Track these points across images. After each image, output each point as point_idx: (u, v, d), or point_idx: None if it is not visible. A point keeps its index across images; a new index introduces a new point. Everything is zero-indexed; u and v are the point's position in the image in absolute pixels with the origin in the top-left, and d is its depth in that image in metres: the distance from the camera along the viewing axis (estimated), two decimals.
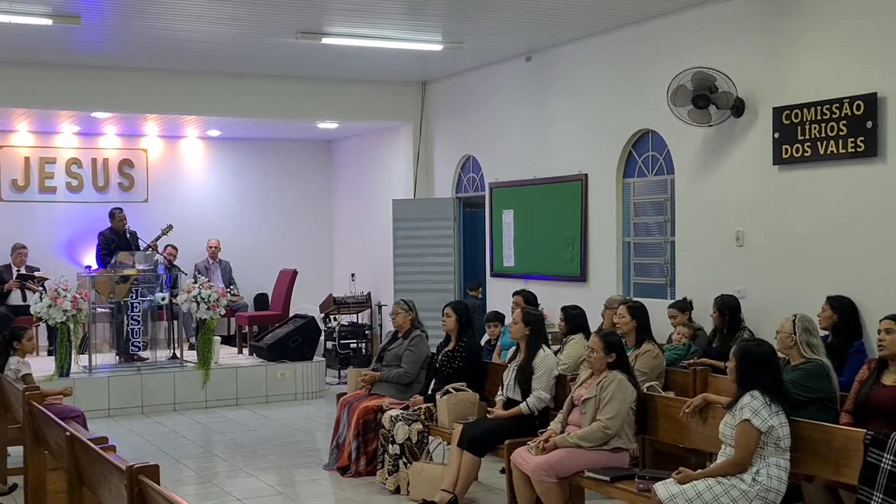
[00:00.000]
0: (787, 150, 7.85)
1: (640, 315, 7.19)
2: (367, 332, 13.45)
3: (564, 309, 8.11)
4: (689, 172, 8.88)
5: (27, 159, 13.57)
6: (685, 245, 8.98)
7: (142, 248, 11.38)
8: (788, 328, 5.90)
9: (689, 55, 8.64)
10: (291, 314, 12.70)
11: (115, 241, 11.51)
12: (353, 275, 14.15)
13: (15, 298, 12.41)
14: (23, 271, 12.64)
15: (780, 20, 8.01)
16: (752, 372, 5.01)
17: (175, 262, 12.43)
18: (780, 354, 5.64)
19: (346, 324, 13.42)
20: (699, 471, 5.10)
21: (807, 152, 7.69)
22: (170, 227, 11.54)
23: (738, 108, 8.21)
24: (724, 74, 8.13)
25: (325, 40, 9.89)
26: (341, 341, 13.08)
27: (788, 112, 7.81)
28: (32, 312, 10.30)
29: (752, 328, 7.75)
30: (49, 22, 8.88)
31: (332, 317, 13.47)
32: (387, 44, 10.21)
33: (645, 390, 6.23)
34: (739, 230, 8.36)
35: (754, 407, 4.89)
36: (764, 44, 8.14)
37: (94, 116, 12.34)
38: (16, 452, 7.39)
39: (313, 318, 12.13)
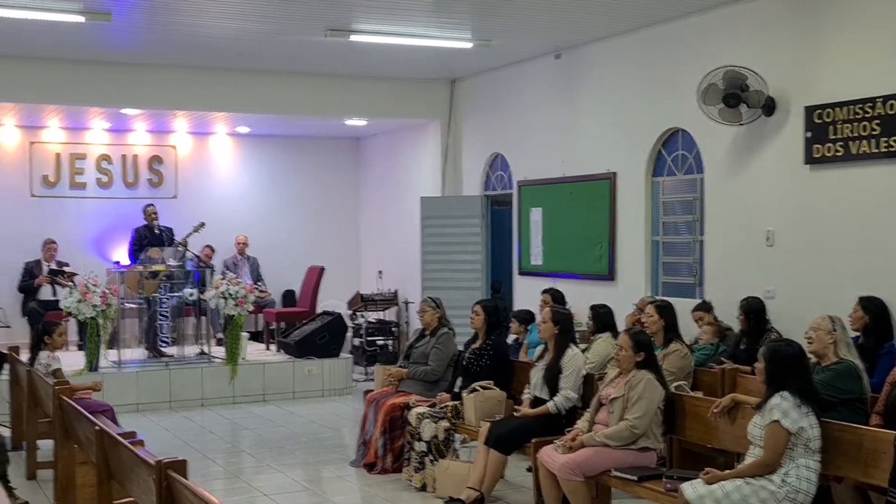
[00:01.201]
0: (818, 149, 7.79)
1: (668, 314, 7.16)
2: (393, 329, 13.48)
3: (592, 308, 8.10)
4: (719, 171, 8.83)
5: (58, 155, 13.69)
6: (714, 244, 8.94)
7: (175, 245, 11.47)
8: (827, 326, 5.84)
9: (719, 53, 8.60)
10: (319, 311, 12.76)
11: (148, 237, 11.63)
12: (380, 272, 14.18)
13: (45, 293, 12.55)
14: (53, 266, 12.78)
15: (813, 18, 7.95)
16: (781, 372, 4.98)
17: (211, 262, 12.47)
18: (809, 355, 5.60)
19: (373, 321, 13.46)
20: (727, 471, 5.08)
21: (839, 152, 7.63)
22: (202, 225, 11.63)
23: (769, 106, 8.15)
24: (756, 73, 8.08)
25: (354, 38, 9.92)
26: (368, 338, 13.11)
27: (820, 111, 7.75)
28: (62, 307, 10.39)
29: (781, 328, 7.68)
30: (81, 19, 8.97)
31: (359, 314, 13.51)
32: (415, 41, 10.22)
33: (673, 390, 6.21)
34: (769, 230, 8.31)
35: (784, 408, 4.86)
36: (796, 42, 8.08)
37: (124, 113, 12.44)
38: (46, 446, 7.47)
39: (340, 314, 12.17)
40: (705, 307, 8.27)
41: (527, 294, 11.02)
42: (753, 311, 7.71)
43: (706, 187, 9.02)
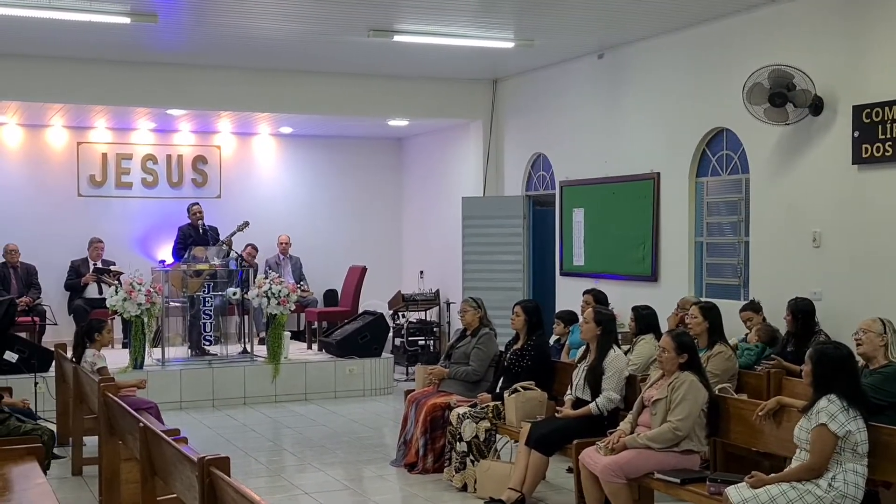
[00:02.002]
0: (867, 149, 7.67)
1: (712, 316, 7.08)
2: (435, 329, 13.47)
3: (635, 309, 8.02)
4: (765, 172, 8.73)
5: (104, 155, 13.85)
6: (760, 245, 8.83)
7: (220, 244, 11.54)
8: (878, 328, 5.75)
9: (765, 52, 8.49)
10: (360, 310, 12.79)
11: (192, 236, 11.72)
12: (421, 272, 14.19)
13: (91, 292, 12.69)
14: (99, 265, 12.92)
15: (861, 16, 7.82)
16: (828, 375, 4.90)
17: (255, 261, 12.53)
18: (857, 357, 5.51)
19: (415, 321, 13.47)
20: (773, 475, 5.00)
21: (888, 151, 7.50)
22: (246, 224, 11.70)
23: (816, 106, 8.04)
24: (802, 72, 7.97)
25: (397, 38, 9.93)
26: (409, 338, 13.12)
27: (869, 110, 7.63)
28: (108, 306, 10.50)
29: (828, 331, 7.57)
30: (127, 21, 9.05)
31: (400, 314, 13.52)
32: (458, 41, 10.21)
33: (717, 392, 6.13)
34: (816, 231, 8.19)
35: (831, 411, 4.78)
36: (843, 40, 7.96)
37: (170, 114, 12.55)
38: (91, 442, 7.55)
39: (382, 314, 12.19)
40: (754, 307, 8.14)
41: (569, 295, 10.96)
42: (802, 311, 7.57)
43: (751, 188, 8.91)
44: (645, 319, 7.89)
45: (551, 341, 8.84)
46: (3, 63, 10.82)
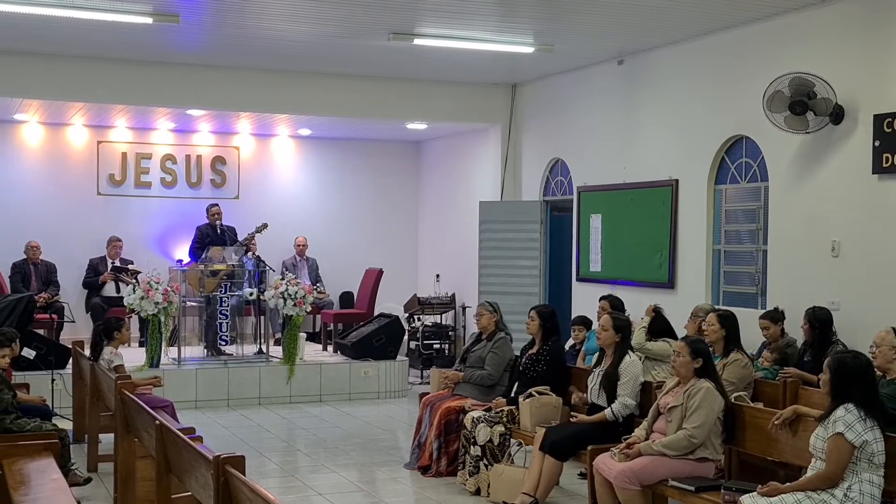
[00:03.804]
0: (887, 158, 7.63)
1: (729, 324, 7.06)
2: (450, 333, 13.48)
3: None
4: (784, 180, 8.69)
5: (124, 155, 13.91)
6: (778, 254, 8.79)
7: (236, 244, 11.57)
8: (891, 339, 5.72)
9: (786, 60, 8.46)
10: (376, 313, 12.80)
11: (210, 236, 11.76)
12: (437, 276, 14.19)
13: (109, 290, 12.75)
14: (117, 264, 12.98)
15: (882, 25, 7.78)
16: (846, 384, 4.88)
17: (257, 254, 12.55)
18: (875, 368, 5.48)
19: (430, 324, 13.47)
20: (788, 484, 4.98)
21: None
22: (264, 226, 11.75)
23: (836, 115, 8.00)
24: (824, 80, 7.94)
25: (417, 41, 9.94)
26: (425, 341, 13.13)
27: (890, 119, 7.58)
28: (125, 304, 10.55)
29: (846, 341, 7.53)
30: (149, 21, 9.10)
31: (416, 317, 13.53)
32: (478, 45, 10.21)
33: (733, 400, 6.11)
34: (835, 240, 8.15)
35: (848, 421, 4.76)
36: (865, 49, 7.93)
37: (189, 114, 12.60)
38: (107, 440, 7.59)
39: (397, 317, 12.20)
40: (773, 317, 7.93)
41: (585, 300, 10.94)
42: (820, 321, 7.53)
43: (770, 196, 8.88)
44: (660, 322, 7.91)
45: (567, 346, 8.83)
46: (26, 61, 10.89)
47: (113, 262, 13.01)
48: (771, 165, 8.86)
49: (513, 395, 7.45)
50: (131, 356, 9.54)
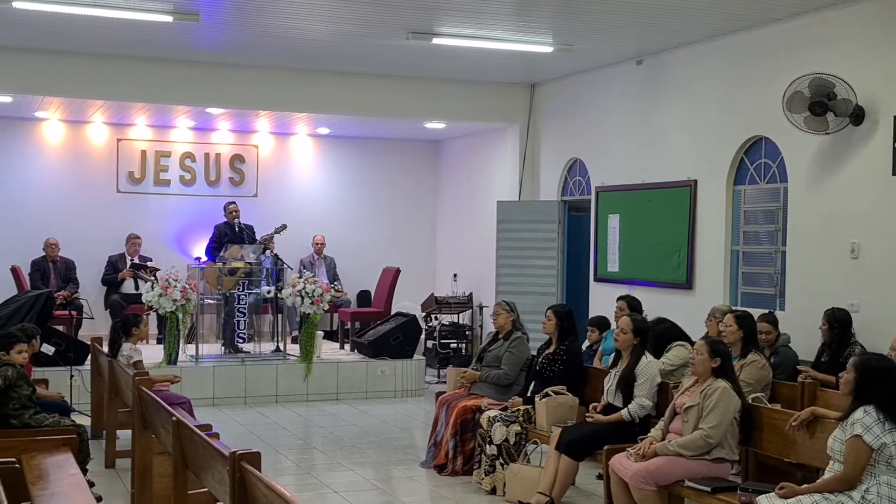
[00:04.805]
0: None
1: (747, 325, 7.04)
2: (467, 332, 13.48)
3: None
4: (804, 181, 8.65)
5: (143, 152, 13.99)
6: (797, 255, 8.76)
7: (256, 242, 11.60)
8: None
9: (806, 61, 8.42)
10: (393, 312, 12.82)
11: (228, 234, 11.80)
12: (455, 275, 14.19)
13: (128, 287, 12.83)
14: (136, 261, 13.06)
15: None
16: (870, 386, 4.85)
17: (275, 252, 12.59)
18: None
19: (447, 323, 13.47)
20: (805, 486, 4.96)
21: None
22: (283, 227, 11.79)
23: (857, 115, 7.96)
24: (844, 81, 7.90)
25: (436, 41, 9.95)
26: (441, 341, 13.13)
27: None
28: (144, 301, 10.59)
29: (864, 343, 7.50)
30: (169, 19, 9.14)
31: (433, 316, 13.54)
32: (497, 45, 10.21)
33: (750, 401, 6.09)
34: (854, 242, 8.11)
35: (866, 423, 4.74)
36: (886, 50, 7.88)
37: (209, 112, 12.65)
38: (124, 436, 7.63)
39: (415, 316, 12.21)
40: (773, 320, 7.82)
41: (602, 301, 10.92)
42: (839, 321, 7.50)
43: (789, 197, 8.84)
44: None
45: (584, 347, 8.82)
46: (47, 59, 10.96)
47: (132, 260, 13.08)
48: (790, 166, 8.82)
49: (529, 394, 7.45)
50: (149, 353, 9.58)
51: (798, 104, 8.07)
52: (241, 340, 11.34)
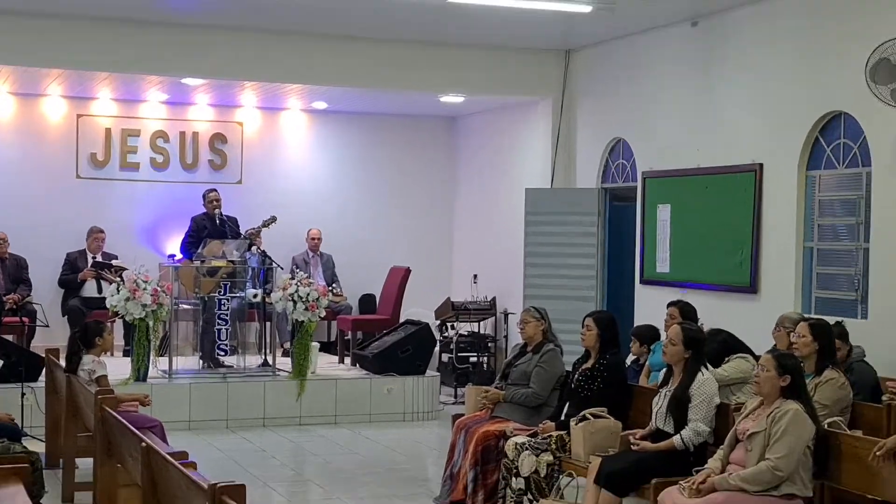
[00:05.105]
0: None
1: (823, 336, 6.99)
2: (489, 344, 13.49)
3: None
4: (891, 164, 8.63)
5: (108, 131, 14.03)
6: (883, 253, 8.73)
7: (240, 237, 11.59)
8: None
9: (893, 22, 8.39)
10: (402, 320, 12.83)
11: (208, 227, 11.80)
12: (475, 276, 14.21)
13: (89, 289, 12.86)
14: (99, 259, 13.10)
15: None
16: None
17: (263, 248, 12.63)
18: None
19: (466, 334, 13.49)
20: None
21: None
22: (273, 219, 11.80)
23: None
24: None
25: None
26: (459, 354, 13.14)
27: None
28: (108, 306, 10.62)
29: None
30: None
31: (449, 325, 13.55)
32: (525, 3, 10.20)
33: (826, 426, 6.07)
34: None
35: None
36: None
37: (185, 83, 12.68)
38: (85, 465, 7.66)
39: (427, 325, 12.23)
40: (839, 332, 7.84)
41: (650, 307, 10.91)
42: None
43: (873, 183, 8.82)
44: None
45: (628, 361, 8.81)
46: None
47: (94, 257, 13.13)
48: (874, 147, 8.80)
49: (563, 417, 7.44)
50: (115, 367, 9.62)
51: (884, 74, 8.06)
52: (222, 353, 11.37)
